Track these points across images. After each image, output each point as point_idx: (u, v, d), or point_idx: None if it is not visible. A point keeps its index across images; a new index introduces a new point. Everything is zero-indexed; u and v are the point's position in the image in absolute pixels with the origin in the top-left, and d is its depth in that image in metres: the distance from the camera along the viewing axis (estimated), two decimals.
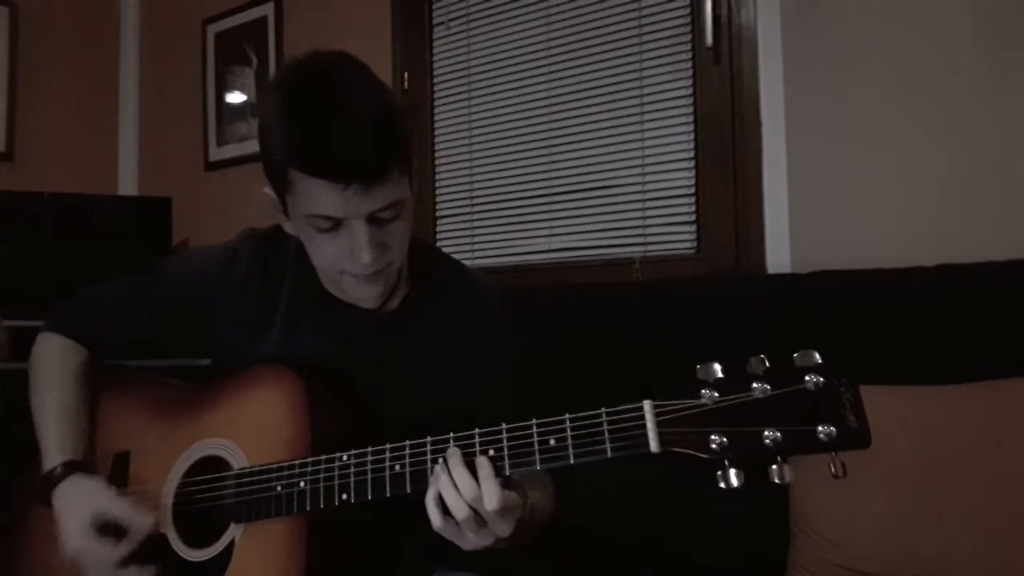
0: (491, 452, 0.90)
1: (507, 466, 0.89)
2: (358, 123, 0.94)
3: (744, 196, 1.98)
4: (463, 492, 0.88)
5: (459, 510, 0.88)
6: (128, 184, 3.32)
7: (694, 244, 2.09)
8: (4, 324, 2.44)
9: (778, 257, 1.92)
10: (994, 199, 1.67)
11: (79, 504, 1.08)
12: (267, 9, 2.93)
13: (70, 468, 1.13)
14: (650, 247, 2.15)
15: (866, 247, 1.79)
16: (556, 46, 2.31)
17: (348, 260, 1.02)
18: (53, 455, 1.14)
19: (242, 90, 3.03)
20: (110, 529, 1.06)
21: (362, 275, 1.04)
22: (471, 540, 0.92)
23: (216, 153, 3.08)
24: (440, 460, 0.91)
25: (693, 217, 2.09)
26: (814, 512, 1.44)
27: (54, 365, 1.22)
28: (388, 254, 1.03)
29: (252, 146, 2.90)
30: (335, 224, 0.99)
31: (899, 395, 1.41)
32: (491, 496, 0.87)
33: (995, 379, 1.39)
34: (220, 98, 3.08)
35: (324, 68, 1.00)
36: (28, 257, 2.61)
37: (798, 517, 1.46)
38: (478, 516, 0.89)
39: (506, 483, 0.90)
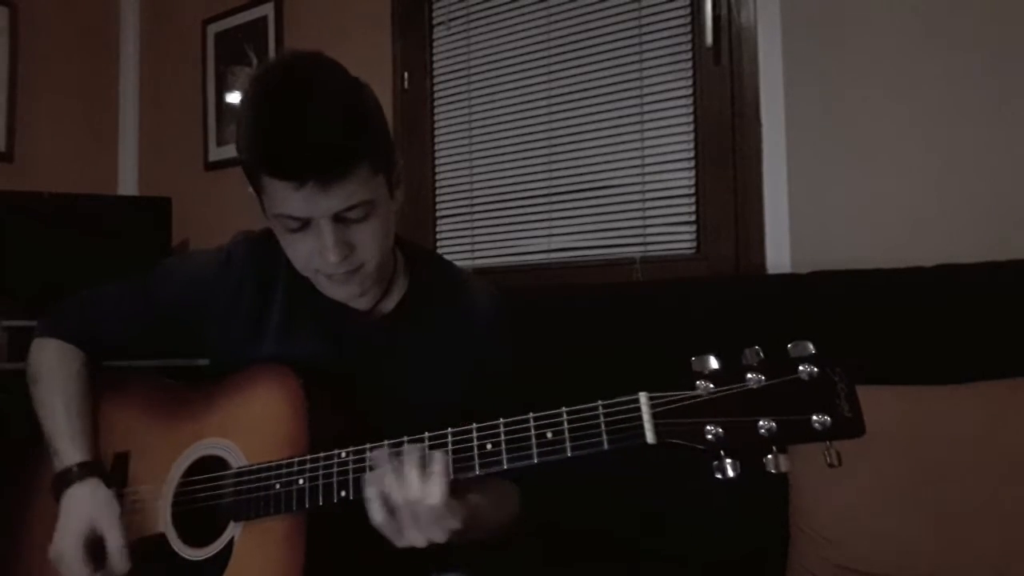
0: (489, 446, 0.90)
1: (505, 459, 0.89)
2: (315, 122, 0.94)
3: (744, 196, 1.98)
4: (408, 487, 0.89)
5: (399, 501, 0.90)
6: (128, 184, 3.32)
7: (694, 244, 2.09)
8: (4, 324, 2.44)
9: (778, 257, 1.92)
10: (994, 199, 1.67)
11: (84, 513, 1.08)
12: (267, 9, 2.93)
13: (87, 470, 1.12)
14: (650, 247, 2.15)
15: (866, 247, 1.79)
16: (556, 46, 2.31)
17: (318, 259, 1.02)
18: (70, 453, 1.14)
19: (242, 90, 3.02)
20: (97, 549, 1.07)
21: (334, 275, 1.04)
22: (406, 537, 0.92)
23: (216, 153, 3.08)
24: (391, 453, 0.92)
25: (693, 217, 2.09)
26: (814, 512, 1.43)
27: (55, 368, 1.22)
28: (358, 255, 1.03)
29: None
30: (303, 224, 0.99)
31: (899, 395, 1.41)
32: (434, 493, 0.89)
33: (995, 379, 1.39)
34: (220, 98, 3.08)
35: (289, 68, 0.99)
36: (28, 257, 2.61)
37: (798, 517, 1.46)
38: (415, 512, 0.90)
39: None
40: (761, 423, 0.80)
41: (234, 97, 3.05)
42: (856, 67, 1.83)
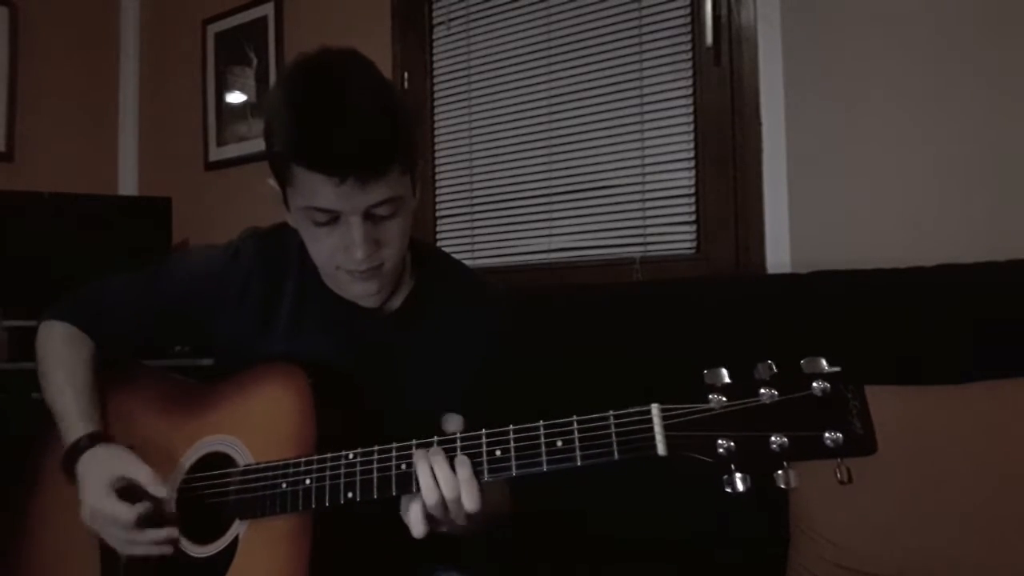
0: (498, 452, 0.90)
1: (514, 466, 0.89)
2: (358, 119, 0.95)
3: (744, 196, 1.99)
4: (444, 489, 0.90)
5: (436, 505, 0.91)
6: (128, 184, 3.32)
7: (694, 244, 2.10)
8: (4, 324, 2.44)
9: (778, 257, 1.92)
10: (994, 199, 1.67)
11: (102, 468, 1.08)
12: (267, 9, 2.93)
13: (96, 439, 1.12)
14: (650, 247, 2.16)
15: (866, 247, 1.79)
16: (556, 46, 2.31)
17: (343, 255, 1.03)
18: (77, 427, 1.13)
19: (242, 90, 3.03)
20: (130, 492, 1.06)
21: (356, 271, 1.04)
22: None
23: (216, 153, 3.09)
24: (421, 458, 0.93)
25: (693, 217, 2.09)
26: (814, 512, 1.44)
27: (65, 351, 1.22)
28: (383, 252, 1.04)
29: (252, 146, 2.91)
30: (332, 218, 1.00)
31: (899, 395, 1.41)
32: (470, 496, 0.90)
33: (995, 379, 1.39)
34: (220, 98, 3.08)
35: (328, 64, 1.00)
36: (28, 257, 2.61)
37: (798, 517, 1.46)
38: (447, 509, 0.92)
39: None
40: (773, 438, 0.79)
41: (234, 97, 3.05)
42: (856, 66, 1.84)
